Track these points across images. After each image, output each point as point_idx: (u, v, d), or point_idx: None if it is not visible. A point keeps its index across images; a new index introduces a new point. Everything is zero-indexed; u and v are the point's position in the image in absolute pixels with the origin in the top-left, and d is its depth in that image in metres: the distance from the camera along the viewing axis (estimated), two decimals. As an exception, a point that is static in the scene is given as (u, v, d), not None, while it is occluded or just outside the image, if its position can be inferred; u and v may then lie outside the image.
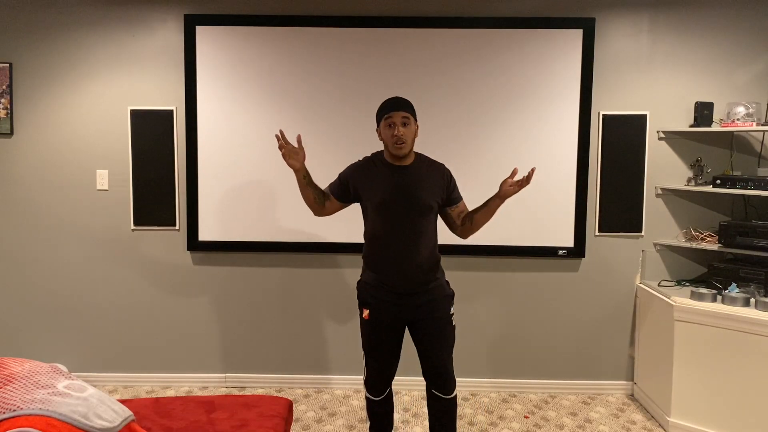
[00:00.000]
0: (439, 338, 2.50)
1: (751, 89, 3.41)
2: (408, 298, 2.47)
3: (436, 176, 2.51)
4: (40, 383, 1.41)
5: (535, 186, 3.44)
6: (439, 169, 2.55)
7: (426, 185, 2.46)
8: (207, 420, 2.20)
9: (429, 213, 2.47)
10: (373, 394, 2.59)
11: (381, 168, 2.49)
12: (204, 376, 3.65)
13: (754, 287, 3.03)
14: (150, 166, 3.50)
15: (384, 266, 2.47)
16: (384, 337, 2.50)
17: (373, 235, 2.50)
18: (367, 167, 2.52)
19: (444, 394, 2.55)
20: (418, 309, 2.48)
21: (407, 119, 2.41)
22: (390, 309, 2.48)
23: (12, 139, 3.52)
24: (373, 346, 2.53)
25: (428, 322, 2.49)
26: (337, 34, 3.42)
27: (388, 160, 2.49)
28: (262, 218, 3.51)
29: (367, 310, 2.50)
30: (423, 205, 2.43)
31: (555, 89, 3.41)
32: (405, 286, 2.46)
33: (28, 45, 3.47)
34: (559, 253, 3.49)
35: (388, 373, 2.58)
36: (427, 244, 2.47)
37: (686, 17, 3.40)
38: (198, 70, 3.44)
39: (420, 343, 2.53)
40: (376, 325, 2.49)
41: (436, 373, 2.53)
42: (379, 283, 2.48)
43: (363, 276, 2.57)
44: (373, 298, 2.50)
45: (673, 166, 3.47)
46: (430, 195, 2.46)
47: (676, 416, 3.06)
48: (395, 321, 2.50)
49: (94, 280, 3.59)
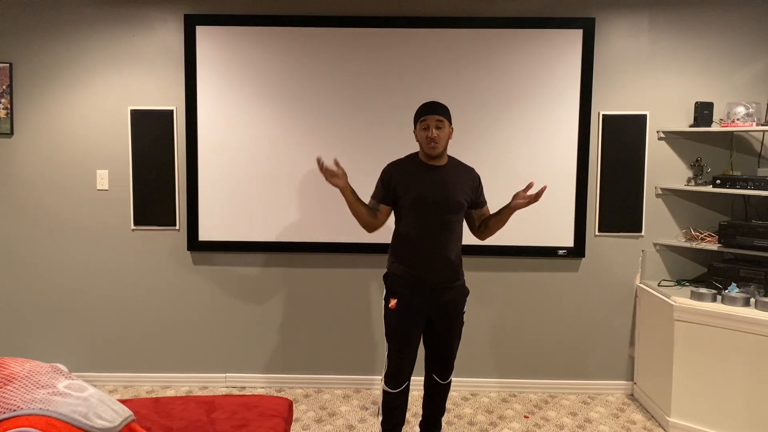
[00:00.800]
0: (455, 334, 2.68)
1: (751, 89, 3.41)
2: (436, 293, 2.59)
3: (466, 178, 2.67)
4: (40, 383, 1.41)
5: (536, 186, 3.44)
6: (470, 172, 2.71)
7: (458, 184, 2.61)
8: (207, 420, 2.20)
9: (460, 211, 2.62)
10: (392, 386, 2.65)
11: (417, 166, 2.63)
12: (204, 376, 3.65)
13: (754, 287, 3.03)
14: (150, 166, 3.50)
15: (416, 259, 2.58)
16: (409, 326, 2.60)
17: (407, 230, 2.60)
18: (405, 165, 2.66)
19: (444, 380, 2.75)
20: (442, 305, 2.61)
21: (441, 122, 2.55)
22: (417, 300, 2.58)
23: (12, 139, 3.52)
24: (399, 335, 2.61)
25: (449, 319, 2.64)
26: (337, 34, 3.42)
27: (423, 160, 2.63)
28: (262, 218, 3.51)
29: (395, 299, 2.58)
30: (455, 202, 2.58)
31: (555, 89, 3.41)
32: (436, 280, 2.58)
33: (28, 45, 3.47)
34: (559, 253, 3.49)
35: (410, 364, 2.65)
36: (456, 242, 2.63)
37: (686, 17, 3.41)
38: (198, 70, 3.44)
39: (437, 337, 2.66)
40: (404, 315, 2.58)
41: (444, 365, 2.71)
42: (409, 276, 2.58)
43: (391, 269, 2.67)
44: (403, 287, 2.59)
45: (673, 166, 3.47)
46: (461, 194, 2.61)
47: (676, 416, 3.07)
48: (421, 312, 2.60)
49: (94, 279, 3.59)
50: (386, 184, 2.65)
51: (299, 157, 3.47)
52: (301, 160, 3.47)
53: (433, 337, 2.68)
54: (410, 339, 2.62)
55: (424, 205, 2.55)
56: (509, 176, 3.44)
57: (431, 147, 2.55)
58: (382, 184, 2.66)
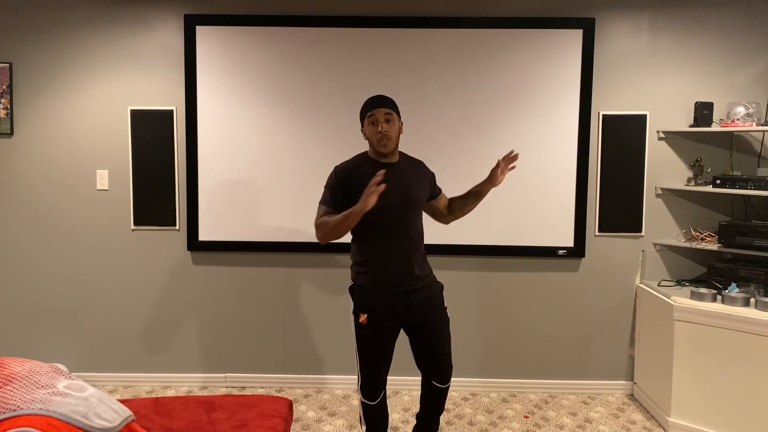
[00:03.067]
0: (441, 332, 2.53)
1: (751, 89, 3.41)
2: (408, 296, 2.44)
3: (420, 172, 2.58)
4: (40, 383, 1.41)
5: (536, 186, 3.44)
6: (421, 166, 2.62)
7: (415, 180, 2.51)
8: (207, 420, 2.20)
9: (419, 207, 2.53)
10: (370, 398, 2.53)
11: (369, 167, 2.42)
12: (204, 376, 3.65)
13: (754, 287, 3.03)
14: (150, 166, 3.50)
15: (380, 265, 2.43)
16: (381, 340, 2.46)
17: (368, 235, 2.45)
18: (356, 166, 2.45)
19: (443, 384, 2.58)
20: (418, 307, 2.45)
21: (390, 115, 2.40)
22: (388, 309, 2.43)
23: (12, 139, 3.53)
24: (370, 351, 2.46)
25: (431, 321, 2.48)
26: (337, 34, 3.42)
27: (374, 158, 2.46)
28: (261, 218, 3.51)
29: (365, 314, 2.43)
30: (415, 199, 2.47)
31: (555, 89, 3.41)
32: (404, 284, 2.43)
33: (28, 45, 3.47)
34: (559, 253, 3.49)
35: (383, 376, 2.53)
36: (419, 238, 2.51)
37: (686, 17, 3.41)
38: (198, 70, 3.44)
39: (424, 341, 2.50)
40: (374, 329, 2.43)
41: (442, 368, 2.54)
42: (374, 284, 2.44)
43: (356, 280, 2.52)
44: (370, 300, 2.45)
45: (673, 166, 3.47)
46: (420, 189, 2.51)
47: (676, 416, 3.06)
48: (394, 323, 2.47)
49: (94, 279, 3.59)
50: (343, 188, 2.40)
51: (299, 157, 3.47)
52: (301, 159, 3.47)
53: (420, 343, 2.51)
54: (384, 352, 2.47)
55: (384, 206, 2.32)
56: (509, 176, 3.43)
57: (382, 144, 2.37)
58: (339, 190, 2.41)
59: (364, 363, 2.49)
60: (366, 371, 2.49)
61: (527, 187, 3.45)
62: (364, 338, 2.47)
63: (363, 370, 2.50)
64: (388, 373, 2.55)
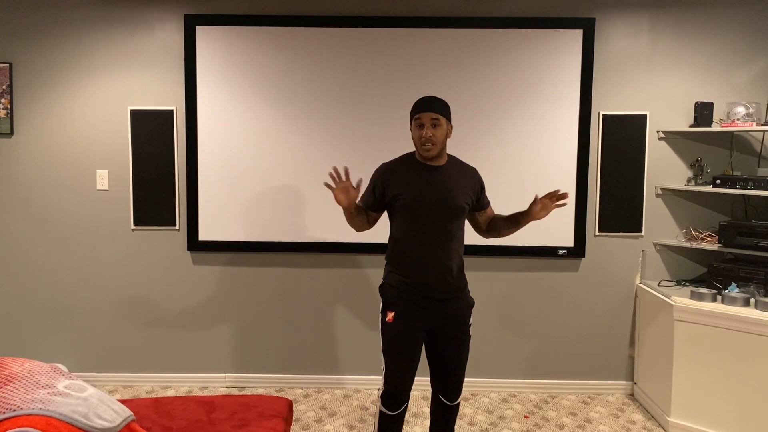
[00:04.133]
0: (460, 349, 2.44)
1: (751, 89, 3.41)
2: (437, 303, 2.37)
3: (467, 179, 2.46)
4: (40, 383, 1.41)
5: (536, 186, 3.44)
6: (471, 172, 2.51)
7: (459, 186, 2.40)
8: (207, 420, 2.20)
9: (461, 215, 2.41)
10: (390, 407, 2.41)
11: (413, 167, 2.41)
12: (204, 376, 3.65)
13: (754, 287, 3.03)
14: (150, 166, 3.50)
15: (414, 269, 2.37)
16: (408, 342, 2.38)
17: (404, 237, 2.40)
18: (398, 167, 2.44)
19: (451, 402, 2.49)
20: (444, 318, 2.39)
21: (437, 120, 2.33)
22: (417, 312, 2.37)
23: (12, 139, 3.53)
24: (396, 352, 2.38)
25: (453, 334, 2.41)
26: (337, 34, 3.42)
27: (419, 160, 2.42)
28: (262, 218, 3.51)
29: (392, 312, 2.37)
30: (456, 206, 2.37)
31: (555, 89, 3.41)
32: (436, 290, 2.36)
33: (28, 45, 3.47)
34: (559, 253, 3.49)
35: (409, 383, 2.42)
36: (458, 249, 2.42)
37: (686, 17, 3.41)
38: (198, 70, 3.44)
39: (440, 353, 2.44)
40: (402, 329, 2.37)
41: (450, 384, 2.46)
42: (407, 286, 2.37)
43: (387, 279, 2.46)
44: (400, 299, 2.38)
45: (673, 166, 3.47)
46: (462, 196, 2.40)
47: (676, 416, 3.06)
48: (421, 325, 2.39)
49: (94, 279, 3.59)
50: (374, 188, 2.44)
51: (299, 156, 3.47)
52: (301, 159, 3.47)
53: (436, 354, 2.44)
54: (410, 356, 2.39)
55: (421, 210, 2.33)
56: (509, 176, 3.45)
57: (425, 149, 2.33)
58: (371, 186, 2.46)
59: (389, 365, 2.40)
60: (390, 375, 2.40)
61: (527, 187, 3.44)
62: (389, 338, 2.40)
63: (387, 374, 2.41)
64: (412, 382, 2.43)
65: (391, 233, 2.47)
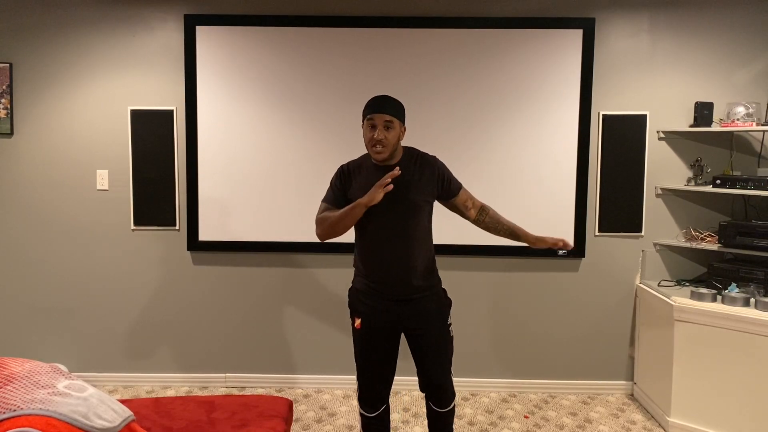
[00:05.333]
0: (435, 352, 2.36)
1: (751, 89, 3.41)
2: (402, 305, 2.33)
3: (425, 172, 2.34)
4: (40, 383, 1.41)
5: (536, 186, 3.44)
6: (429, 163, 2.37)
7: (414, 183, 2.30)
8: (207, 420, 2.20)
9: (419, 213, 2.32)
10: (367, 410, 2.41)
11: (366, 169, 2.34)
12: (204, 376, 3.65)
13: (754, 287, 3.03)
14: (150, 166, 3.50)
15: (375, 271, 2.33)
16: (377, 346, 2.35)
17: (363, 239, 2.36)
18: (353, 169, 2.38)
19: (439, 408, 2.43)
20: (412, 318, 2.34)
21: (390, 123, 2.23)
22: (382, 316, 2.33)
23: (12, 139, 3.52)
24: (365, 357, 2.37)
25: (423, 335, 2.35)
26: (337, 34, 3.42)
27: (372, 161, 2.34)
28: (262, 218, 3.51)
29: (359, 318, 2.36)
30: (411, 204, 2.29)
31: (555, 89, 3.41)
32: (398, 292, 2.32)
33: (28, 45, 3.47)
34: (559, 253, 3.49)
35: (382, 386, 2.39)
36: (421, 247, 2.33)
37: (686, 17, 3.41)
38: (198, 70, 3.44)
39: (415, 355, 2.40)
40: (369, 334, 2.35)
41: (431, 387, 2.40)
42: (370, 290, 2.35)
43: (354, 283, 2.46)
44: (364, 305, 2.37)
45: (673, 166, 3.47)
46: (418, 193, 2.30)
47: (676, 416, 3.06)
48: (388, 329, 2.35)
49: (94, 279, 3.59)
50: (341, 184, 2.36)
51: (299, 156, 3.47)
52: (301, 159, 3.47)
53: (415, 358, 2.39)
54: (379, 360, 2.35)
55: (375, 211, 2.22)
56: (509, 176, 3.45)
57: (376, 151, 2.24)
58: (338, 186, 2.37)
59: (359, 370, 2.40)
60: (361, 379, 2.40)
61: (527, 186, 3.45)
62: (359, 343, 2.40)
63: (359, 378, 2.42)
64: (389, 385, 2.41)
65: (355, 236, 2.42)
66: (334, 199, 2.37)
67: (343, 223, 2.28)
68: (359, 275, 2.43)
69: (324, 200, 2.41)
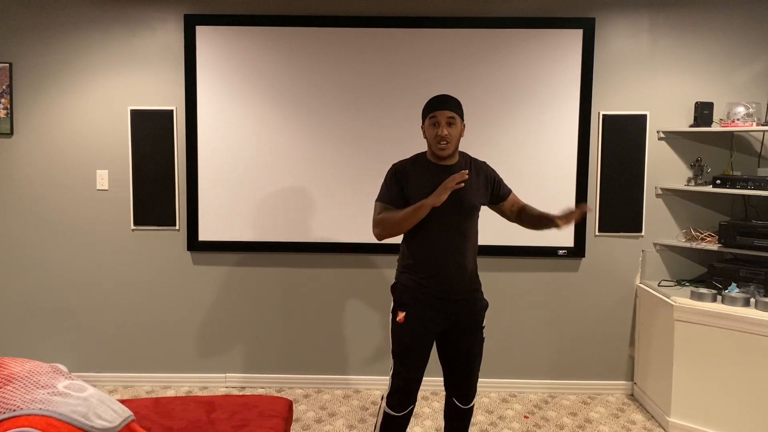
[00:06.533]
0: (473, 352, 2.41)
1: (751, 89, 3.41)
2: (449, 304, 2.35)
3: (480, 175, 2.43)
4: (40, 383, 1.41)
5: (536, 185, 3.44)
6: (483, 168, 2.47)
7: (473, 185, 2.36)
8: (207, 420, 2.20)
9: (474, 214, 2.39)
10: (396, 408, 2.37)
11: (425, 168, 2.38)
12: (204, 376, 3.65)
13: (754, 287, 3.03)
14: (150, 166, 3.50)
15: (428, 269, 2.34)
16: (418, 342, 2.35)
17: (419, 237, 2.35)
18: (411, 167, 2.40)
19: (464, 404, 2.47)
20: (457, 319, 2.37)
21: (452, 119, 2.30)
22: (429, 313, 2.34)
23: (12, 139, 3.52)
24: (407, 353, 2.35)
25: (466, 335, 2.39)
26: (337, 34, 3.42)
27: (431, 159, 2.39)
28: (262, 218, 3.51)
29: (403, 312, 2.34)
30: (469, 205, 2.34)
31: (555, 89, 3.41)
32: (449, 291, 2.34)
33: (28, 45, 3.47)
34: (559, 253, 3.49)
35: (417, 384, 2.39)
36: (472, 249, 2.39)
37: (686, 17, 3.41)
38: (198, 70, 3.44)
39: (453, 354, 2.42)
40: (413, 330, 2.34)
41: (463, 386, 2.44)
42: (420, 287, 2.35)
43: (400, 279, 2.43)
44: (412, 299, 2.35)
45: (673, 166, 3.47)
46: (475, 195, 2.37)
47: (676, 416, 3.06)
48: (432, 326, 2.36)
49: (94, 279, 3.59)
50: (398, 183, 2.36)
51: (299, 156, 3.48)
52: (301, 159, 3.47)
53: (449, 356, 2.43)
54: (419, 357, 2.36)
55: (434, 211, 2.26)
56: (510, 176, 3.42)
57: (441, 147, 2.30)
58: (394, 185, 2.36)
59: (398, 365, 2.37)
60: (399, 375, 2.37)
61: (527, 186, 3.44)
62: (399, 338, 2.37)
63: (395, 375, 2.38)
64: (419, 386, 2.41)
65: (405, 234, 2.41)
66: (392, 199, 2.36)
67: (407, 222, 2.30)
68: (408, 272, 2.40)
69: (379, 200, 2.40)
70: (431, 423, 3.18)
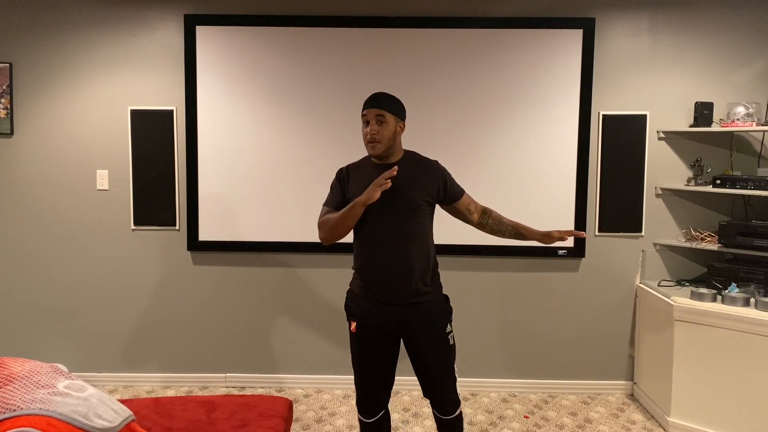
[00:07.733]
0: (435, 361, 2.30)
1: (751, 89, 3.41)
2: (399, 309, 2.25)
3: (425, 174, 2.31)
4: (40, 383, 1.41)
5: (536, 186, 3.44)
6: (431, 166, 2.35)
7: (413, 181, 2.26)
8: (207, 420, 2.20)
9: (417, 213, 2.26)
10: (365, 416, 2.36)
11: (366, 168, 2.33)
12: (204, 376, 3.65)
13: (754, 287, 3.03)
14: (150, 166, 3.50)
15: (371, 272, 2.28)
16: (373, 351, 2.29)
17: (359, 239, 2.32)
18: (354, 169, 2.37)
19: (443, 416, 2.37)
20: (409, 325, 2.27)
21: (382, 117, 2.21)
22: (378, 320, 2.27)
23: (12, 139, 3.53)
24: (361, 362, 2.32)
25: (421, 343, 2.28)
26: (337, 34, 3.42)
27: (374, 160, 2.32)
28: (262, 218, 3.51)
29: (354, 322, 2.31)
30: (409, 203, 2.24)
31: (555, 89, 3.41)
32: (394, 295, 2.25)
33: (28, 45, 3.47)
34: (559, 253, 3.49)
35: (380, 393, 2.33)
36: (420, 249, 2.26)
37: (686, 17, 3.41)
38: (198, 70, 3.44)
39: (414, 364, 2.34)
40: (365, 339, 2.29)
41: (435, 395, 2.35)
42: (366, 293, 2.30)
43: (351, 285, 2.41)
44: (360, 308, 2.31)
45: (673, 166, 3.47)
46: (416, 193, 2.25)
47: (676, 416, 3.06)
48: (384, 334, 2.28)
49: (94, 280, 3.59)
50: (341, 186, 2.34)
51: (299, 156, 3.48)
52: (301, 159, 3.47)
53: (414, 364, 2.34)
54: (376, 366, 2.30)
55: (372, 209, 2.19)
56: (510, 176, 3.45)
57: (370, 146, 2.23)
58: (337, 187, 2.35)
59: (356, 374, 2.36)
60: (358, 384, 2.35)
61: (527, 186, 3.45)
62: (355, 348, 2.35)
63: (356, 383, 2.37)
64: (388, 391, 2.36)
65: (353, 237, 2.37)
66: (334, 202, 2.34)
67: (343, 224, 2.24)
68: (356, 276, 2.38)
69: (325, 204, 2.38)
70: (431, 423, 3.18)
